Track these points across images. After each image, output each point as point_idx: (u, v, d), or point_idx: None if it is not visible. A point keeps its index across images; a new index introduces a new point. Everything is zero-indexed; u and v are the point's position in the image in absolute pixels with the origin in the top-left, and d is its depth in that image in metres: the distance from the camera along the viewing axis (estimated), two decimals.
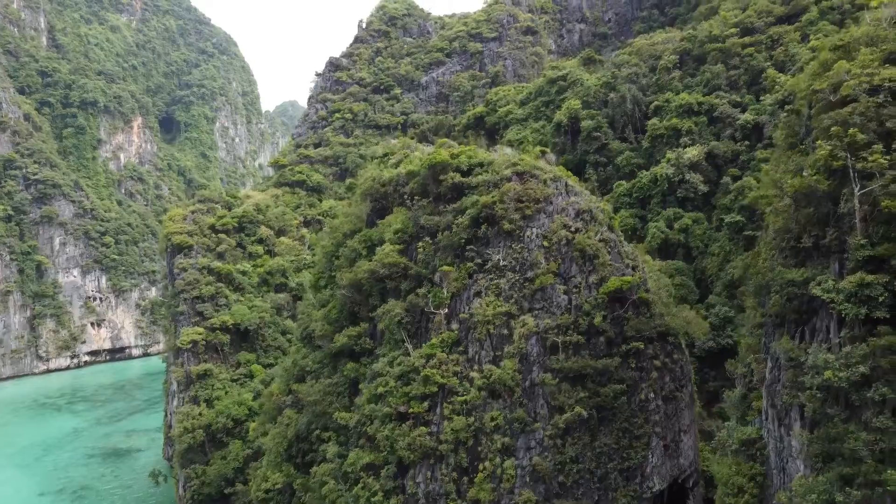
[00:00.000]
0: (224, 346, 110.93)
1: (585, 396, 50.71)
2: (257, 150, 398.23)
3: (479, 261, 56.74)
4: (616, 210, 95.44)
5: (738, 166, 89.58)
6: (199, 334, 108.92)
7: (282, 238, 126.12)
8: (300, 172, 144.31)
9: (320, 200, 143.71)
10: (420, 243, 60.53)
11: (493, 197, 56.55)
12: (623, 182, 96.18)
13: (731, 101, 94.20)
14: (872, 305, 31.94)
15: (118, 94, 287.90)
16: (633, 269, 55.58)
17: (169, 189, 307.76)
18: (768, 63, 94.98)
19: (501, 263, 55.34)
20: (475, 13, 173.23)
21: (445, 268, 56.77)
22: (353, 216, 72.91)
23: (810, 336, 35.26)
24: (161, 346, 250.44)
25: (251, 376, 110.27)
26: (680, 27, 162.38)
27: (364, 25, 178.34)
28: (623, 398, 51.02)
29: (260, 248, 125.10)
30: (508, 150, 62.13)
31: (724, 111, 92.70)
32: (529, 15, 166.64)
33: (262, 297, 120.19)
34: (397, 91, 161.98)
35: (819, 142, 35.53)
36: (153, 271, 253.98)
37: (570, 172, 64.53)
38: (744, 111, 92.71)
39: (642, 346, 51.74)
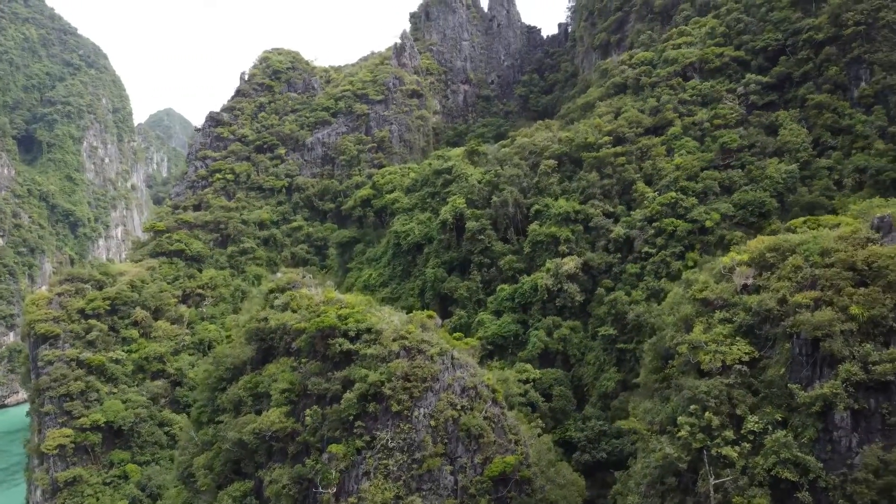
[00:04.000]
0: (95, 446, 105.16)
1: None
2: (130, 169, 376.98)
3: (368, 438, 57.53)
4: (499, 314, 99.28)
5: (612, 277, 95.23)
6: (67, 436, 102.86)
7: (159, 322, 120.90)
8: (179, 240, 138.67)
9: (200, 270, 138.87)
10: (308, 410, 60.55)
11: (381, 375, 57.53)
12: (506, 286, 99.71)
13: (605, 211, 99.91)
14: None
15: None
16: (516, 443, 58.22)
17: (30, 217, 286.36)
18: (638, 175, 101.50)
19: (390, 444, 56.38)
20: (361, 71, 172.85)
21: (333, 447, 57.12)
22: (236, 357, 71.55)
23: None
24: (21, 396, 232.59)
25: (126, 477, 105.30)
26: (558, 93, 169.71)
27: (247, 78, 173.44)
28: None
29: (135, 332, 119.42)
30: (396, 319, 63.14)
31: (598, 222, 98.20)
32: (415, 77, 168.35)
33: (137, 385, 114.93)
34: (281, 151, 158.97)
35: (680, 419, 39.32)
36: (11, 315, 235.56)
37: (456, 338, 66.48)
38: (616, 221, 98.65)
39: None
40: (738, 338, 41.19)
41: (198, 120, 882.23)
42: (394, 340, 60.11)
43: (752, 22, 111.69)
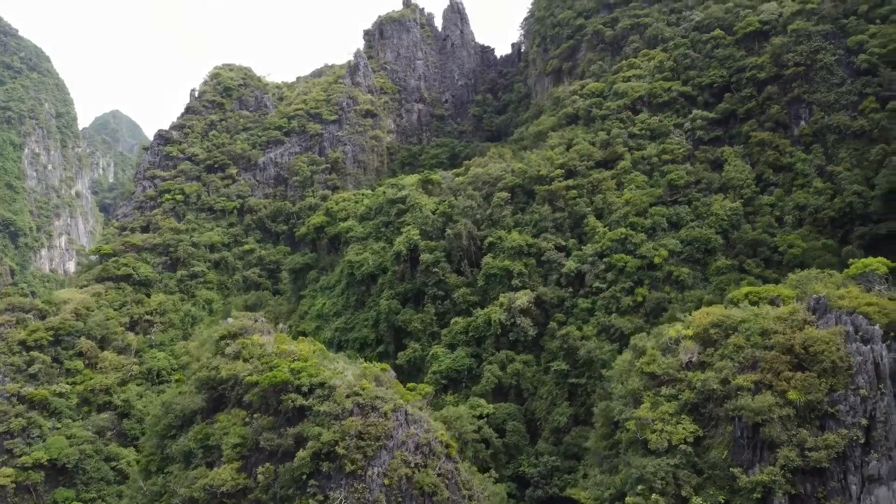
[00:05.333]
0: (38, 485, 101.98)
1: None
2: (74, 176, 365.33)
3: (322, 497, 57.27)
4: (453, 347, 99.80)
5: (563, 311, 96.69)
6: (7, 476, 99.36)
7: (105, 352, 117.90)
8: (126, 265, 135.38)
9: (149, 296, 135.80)
10: (261, 468, 59.98)
11: (334, 434, 57.34)
12: (459, 319, 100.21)
13: (557, 245, 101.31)
14: None
15: None
16: (470, 498, 58.77)
17: None
18: (589, 209, 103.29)
19: None
20: (315, 90, 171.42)
21: None
22: (185, 406, 70.40)
23: None
24: None
25: None
26: (511, 114, 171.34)
27: (197, 94, 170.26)
28: None
29: (80, 363, 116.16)
30: (350, 374, 63.05)
31: (551, 256, 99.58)
32: (369, 97, 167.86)
33: (82, 419, 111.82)
34: (233, 171, 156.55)
35: (628, 499, 40.52)
36: None
37: (409, 390, 66.82)
38: (568, 255, 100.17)
39: None
40: (683, 415, 42.64)
41: (145, 121, 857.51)
42: (347, 397, 59.95)
43: (699, 58, 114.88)
